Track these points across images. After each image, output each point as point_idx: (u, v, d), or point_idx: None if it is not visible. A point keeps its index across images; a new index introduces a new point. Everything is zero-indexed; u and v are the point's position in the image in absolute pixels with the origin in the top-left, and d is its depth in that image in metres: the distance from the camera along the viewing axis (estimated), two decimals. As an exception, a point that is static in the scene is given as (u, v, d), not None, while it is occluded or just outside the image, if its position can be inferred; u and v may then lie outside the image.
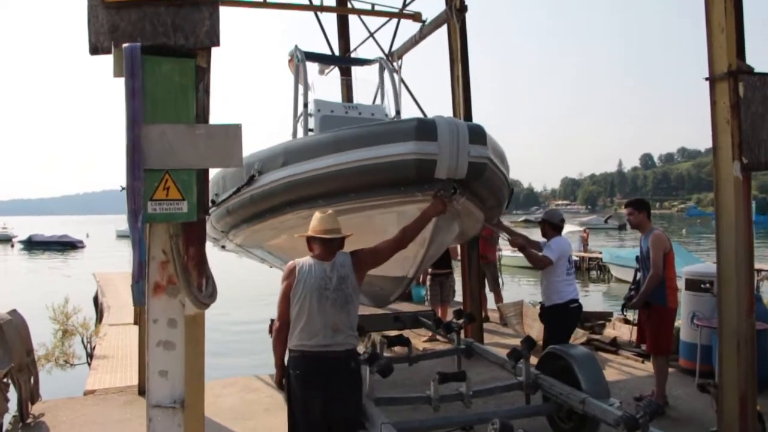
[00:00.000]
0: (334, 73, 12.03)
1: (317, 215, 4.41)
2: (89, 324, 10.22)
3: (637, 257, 7.09)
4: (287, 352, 4.30)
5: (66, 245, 54.76)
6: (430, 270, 10.32)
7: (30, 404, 6.65)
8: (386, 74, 9.37)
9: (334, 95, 11.54)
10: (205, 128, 2.92)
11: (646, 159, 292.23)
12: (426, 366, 7.29)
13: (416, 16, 11.75)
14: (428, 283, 10.54)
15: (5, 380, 6.15)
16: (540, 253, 6.62)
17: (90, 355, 10.24)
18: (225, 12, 11.28)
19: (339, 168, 5.24)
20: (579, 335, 9.21)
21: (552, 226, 6.79)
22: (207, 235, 8.57)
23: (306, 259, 4.32)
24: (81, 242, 57.52)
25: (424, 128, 4.93)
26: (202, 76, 2.98)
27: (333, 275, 4.19)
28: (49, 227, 75.54)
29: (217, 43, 3.01)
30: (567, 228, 35.24)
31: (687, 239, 45.78)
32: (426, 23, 11.24)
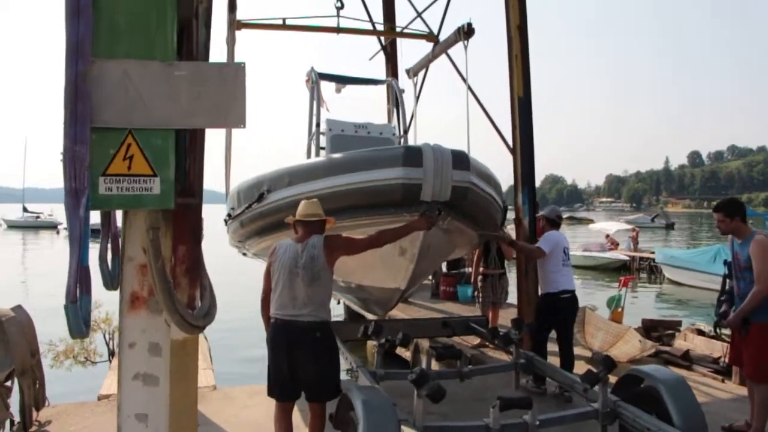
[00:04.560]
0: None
1: (303, 202, 4.97)
2: (112, 319, 9.58)
3: (726, 263, 6.05)
4: None
5: None
6: (481, 269, 9.66)
7: (35, 411, 5.98)
8: (396, 94, 10.59)
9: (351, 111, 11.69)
10: (189, 68, 2.08)
11: (694, 157, 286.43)
12: (477, 379, 6.41)
13: (429, 36, 12.80)
14: (479, 284, 9.68)
15: (7, 383, 5.49)
16: (532, 245, 7.27)
17: (111, 353, 9.62)
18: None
19: (336, 189, 5.78)
20: (648, 346, 8.24)
21: (549, 222, 7.27)
22: (229, 242, 8.22)
23: (286, 240, 4.90)
24: None
25: (411, 155, 5.45)
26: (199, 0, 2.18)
27: (304, 254, 4.67)
28: (95, 215, 76.48)
29: None
30: (615, 226, 34.39)
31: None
32: (438, 43, 12.01)
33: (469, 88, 9.51)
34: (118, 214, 2.44)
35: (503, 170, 7.99)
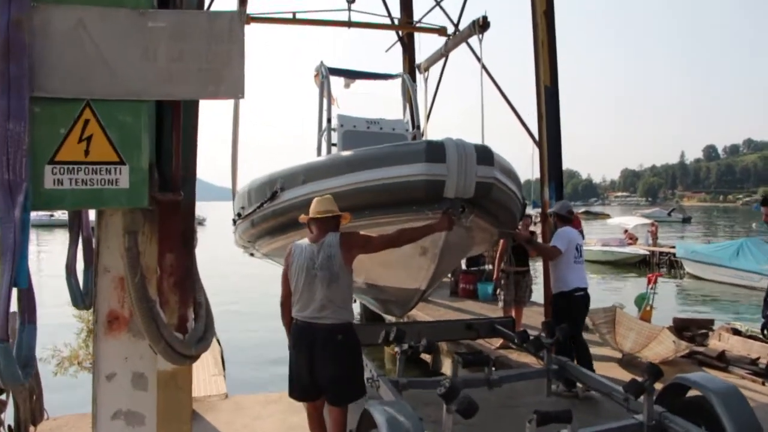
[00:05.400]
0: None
1: (315, 199, 4.82)
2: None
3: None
4: None
5: None
6: (503, 266, 9.34)
7: (32, 426, 5.62)
8: (408, 89, 10.31)
9: (362, 107, 11.38)
10: (169, 18, 1.59)
11: (710, 150, 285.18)
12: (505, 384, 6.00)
13: (441, 31, 12.68)
14: (502, 281, 9.32)
15: (1, 397, 5.12)
16: (548, 245, 7.10)
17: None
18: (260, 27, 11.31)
19: (354, 187, 5.51)
20: (682, 347, 7.80)
21: (561, 218, 7.17)
22: (236, 242, 7.92)
23: (302, 241, 4.77)
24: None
25: (434, 150, 5.20)
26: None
27: (320, 254, 4.54)
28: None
29: None
30: (633, 221, 34.05)
31: (763, 235, 42.94)
32: (451, 37, 11.91)
33: (492, 78, 9.15)
34: (91, 213, 1.99)
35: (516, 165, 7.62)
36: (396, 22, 13.92)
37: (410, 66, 14.10)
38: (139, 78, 1.61)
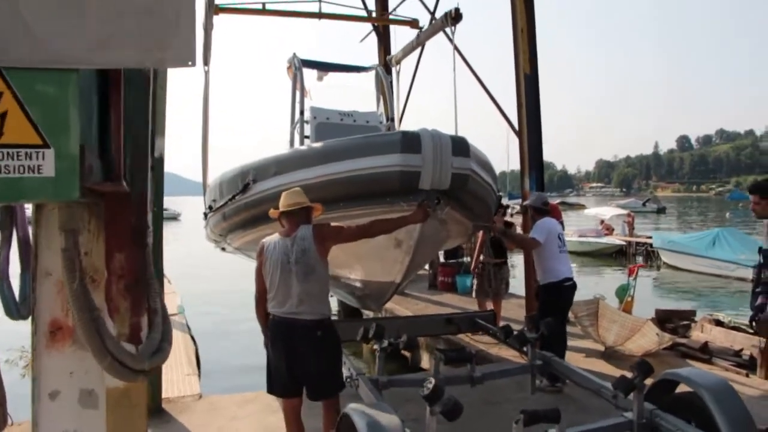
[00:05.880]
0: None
1: (284, 193, 4.70)
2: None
3: (762, 250, 5.51)
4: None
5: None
6: (481, 258, 9.28)
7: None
8: (382, 81, 10.38)
9: (335, 99, 11.30)
10: None
11: (683, 141, 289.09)
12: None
13: (413, 23, 12.84)
14: (476, 272, 9.25)
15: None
16: (526, 235, 7.04)
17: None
18: (225, 18, 11.40)
19: (327, 178, 5.44)
20: (665, 340, 7.70)
21: (537, 210, 7.03)
22: (207, 237, 7.77)
23: (273, 237, 4.67)
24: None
25: (409, 141, 5.13)
26: None
27: (294, 249, 4.46)
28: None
29: None
30: (609, 211, 34.26)
31: (736, 224, 43.35)
32: (423, 29, 12.00)
33: (468, 65, 8.97)
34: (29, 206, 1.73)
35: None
36: (373, 13, 13.75)
37: (385, 57, 13.93)
38: (66, 42, 1.32)
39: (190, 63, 1.50)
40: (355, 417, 3.65)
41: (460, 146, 5.30)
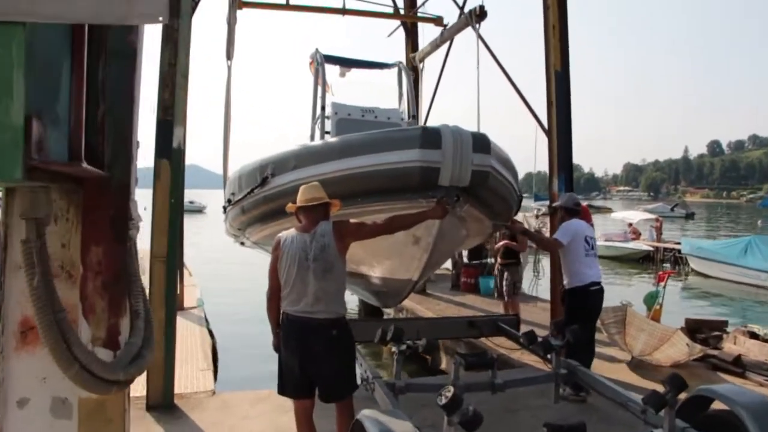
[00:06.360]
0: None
1: (302, 187, 4.58)
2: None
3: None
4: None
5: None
6: (499, 260, 9.51)
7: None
8: (404, 78, 10.30)
9: (357, 96, 11.18)
10: None
11: (714, 146, 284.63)
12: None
13: (437, 21, 12.64)
14: (495, 274, 9.52)
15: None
16: (547, 236, 6.98)
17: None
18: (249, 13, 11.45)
19: (346, 173, 5.37)
20: (696, 351, 7.41)
21: (567, 211, 6.84)
22: (226, 231, 7.71)
23: (290, 231, 4.53)
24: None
25: (429, 136, 5.06)
26: None
27: (313, 245, 4.33)
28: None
29: None
30: (637, 215, 33.62)
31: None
32: (447, 27, 11.80)
33: (498, 63, 8.74)
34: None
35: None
36: (400, 10, 13.56)
37: (413, 52, 13.75)
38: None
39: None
40: (368, 424, 3.49)
41: (480, 142, 5.19)
